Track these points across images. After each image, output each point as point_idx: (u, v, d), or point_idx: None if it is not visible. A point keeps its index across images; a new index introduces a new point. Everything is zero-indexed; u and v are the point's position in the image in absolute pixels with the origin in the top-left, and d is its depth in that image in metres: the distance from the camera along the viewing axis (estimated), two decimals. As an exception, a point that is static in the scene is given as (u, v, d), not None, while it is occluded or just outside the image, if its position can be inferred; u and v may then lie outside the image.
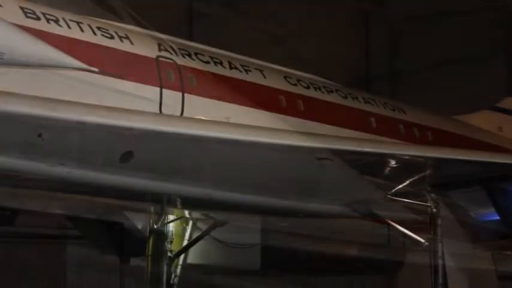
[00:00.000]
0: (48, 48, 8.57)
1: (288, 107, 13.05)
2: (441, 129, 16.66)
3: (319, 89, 14.04)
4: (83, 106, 8.73)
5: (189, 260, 14.85)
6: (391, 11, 30.84)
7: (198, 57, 12.19)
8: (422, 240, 12.18)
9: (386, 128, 14.87)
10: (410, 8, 30.09)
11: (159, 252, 14.28)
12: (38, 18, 10.11)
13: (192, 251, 14.80)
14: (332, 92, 14.33)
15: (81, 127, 8.23)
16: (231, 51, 13.47)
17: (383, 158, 10.28)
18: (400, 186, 11.64)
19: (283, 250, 16.25)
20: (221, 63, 12.45)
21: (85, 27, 10.71)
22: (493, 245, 12.52)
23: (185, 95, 11.44)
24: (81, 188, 10.88)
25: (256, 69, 13.10)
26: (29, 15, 10.03)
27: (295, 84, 13.60)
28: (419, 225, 12.85)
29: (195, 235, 14.71)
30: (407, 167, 10.77)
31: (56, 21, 10.33)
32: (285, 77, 13.63)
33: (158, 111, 10.98)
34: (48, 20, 10.23)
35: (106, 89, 10.46)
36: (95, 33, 10.77)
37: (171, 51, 11.82)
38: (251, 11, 26.36)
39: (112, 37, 10.97)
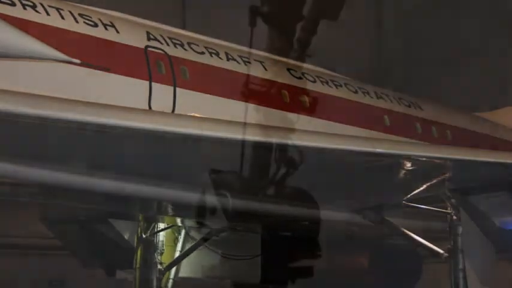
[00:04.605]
0: (25, 37, 8.51)
1: (291, 103, 13.00)
2: (461, 128, 16.64)
3: (327, 83, 14.00)
4: (64, 102, 8.65)
5: (181, 273, 14.82)
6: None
7: (191, 48, 12.14)
8: (442, 251, 12.14)
9: (401, 126, 14.84)
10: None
11: (148, 264, 14.25)
12: (13, 4, 10.05)
13: (184, 263, 14.76)
14: (341, 86, 14.29)
15: (60, 125, 8.14)
16: (228, 40, 13.42)
17: (398, 159, 10.23)
18: (417, 191, 11.60)
19: (286, 262, 16.20)
20: (217, 54, 12.40)
21: (66, 14, 10.65)
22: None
23: (177, 89, 11.39)
24: (62, 193, 10.83)
25: (256, 60, 13.05)
26: (3, 0, 9.97)
27: (299, 78, 13.56)
28: (438, 234, 12.82)
29: (187, 245, 14.67)
30: (425, 169, 10.74)
31: (33, 7, 10.27)
32: (288, 70, 13.57)
33: (147, 107, 10.93)
34: (24, 6, 10.17)
35: (89, 82, 10.41)
36: (76, 21, 10.71)
37: (162, 41, 11.76)
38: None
39: (96, 25, 10.92)
